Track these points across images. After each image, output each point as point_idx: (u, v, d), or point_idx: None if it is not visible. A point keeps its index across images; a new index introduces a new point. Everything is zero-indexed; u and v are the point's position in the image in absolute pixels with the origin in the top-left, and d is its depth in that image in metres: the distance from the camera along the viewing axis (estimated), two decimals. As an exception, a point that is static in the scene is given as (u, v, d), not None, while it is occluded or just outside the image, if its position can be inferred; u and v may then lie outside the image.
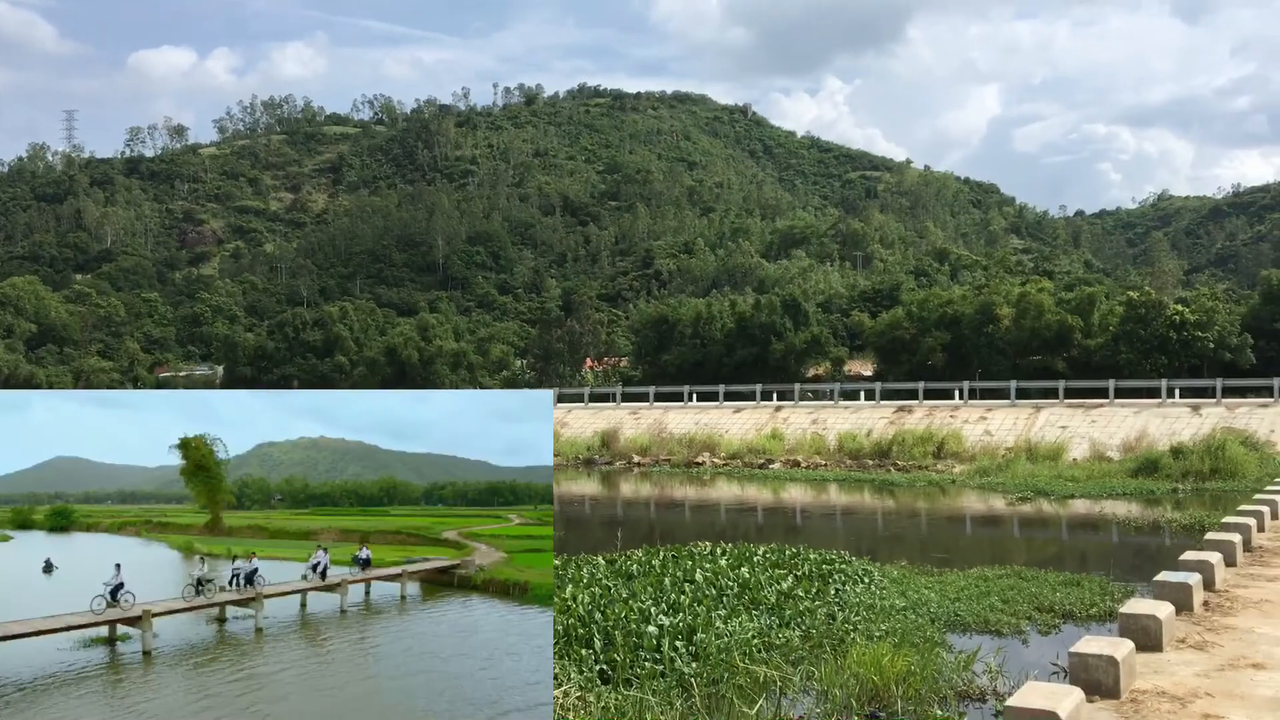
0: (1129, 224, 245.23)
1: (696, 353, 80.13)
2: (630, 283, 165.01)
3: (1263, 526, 12.60)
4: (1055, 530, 28.00)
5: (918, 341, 70.45)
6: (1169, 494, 30.85)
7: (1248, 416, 40.83)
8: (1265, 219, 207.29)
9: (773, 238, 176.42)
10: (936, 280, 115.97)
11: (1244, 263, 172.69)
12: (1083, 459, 38.92)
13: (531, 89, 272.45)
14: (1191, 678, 6.68)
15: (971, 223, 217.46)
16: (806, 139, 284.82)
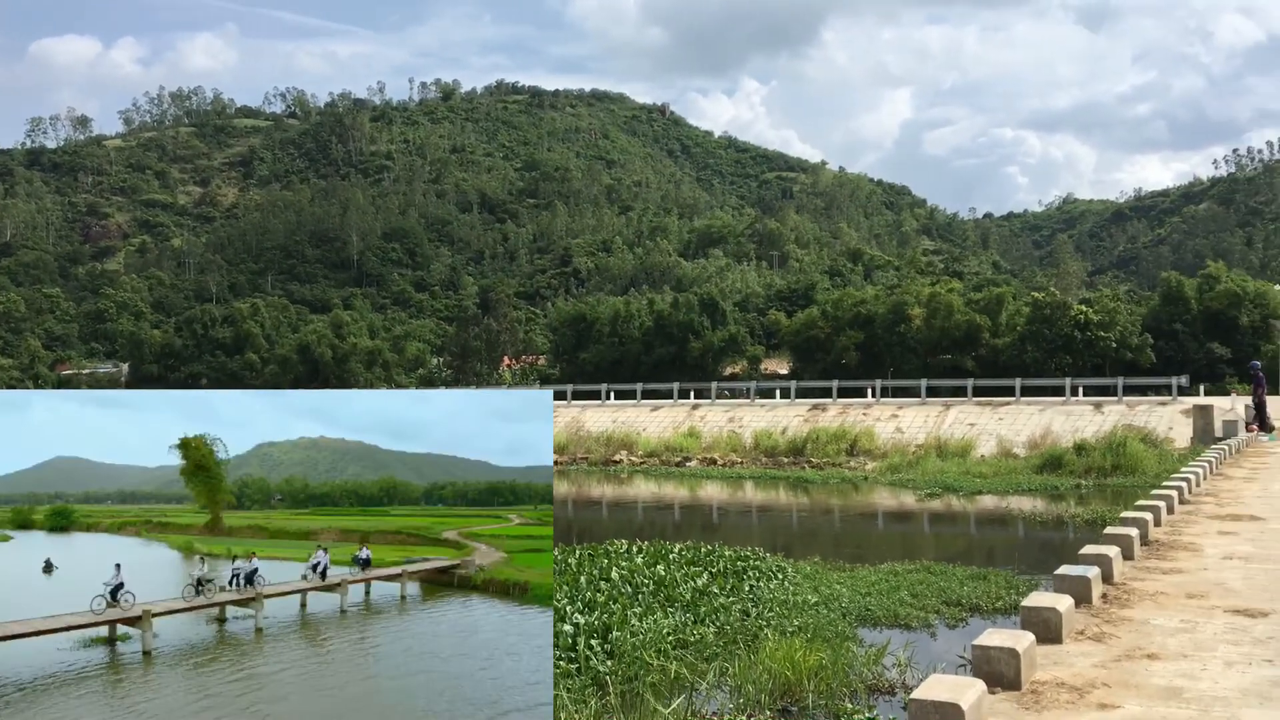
0: (1035, 226, 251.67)
1: (615, 351, 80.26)
2: (548, 281, 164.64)
3: (1159, 521, 13.02)
4: (964, 525, 28.58)
5: (832, 340, 71.49)
6: (1072, 489, 31.69)
7: (1147, 414, 42.14)
8: (1165, 223, 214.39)
9: (690, 237, 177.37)
10: (850, 280, 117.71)
11: (1145, 265, 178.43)
12: (990, 455, 39.80)
13: (449, 84, 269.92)
14: (1089, 668, 6.89)
15: (884, 224, 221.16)
16: (724, 139, 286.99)
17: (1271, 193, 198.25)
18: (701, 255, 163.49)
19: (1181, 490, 15.82)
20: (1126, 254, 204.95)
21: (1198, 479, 17.80)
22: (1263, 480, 19.36)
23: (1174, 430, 39.69)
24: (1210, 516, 14.25)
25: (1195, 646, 7.48)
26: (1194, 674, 6.78)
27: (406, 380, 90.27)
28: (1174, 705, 6.14)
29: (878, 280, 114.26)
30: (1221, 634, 7.85)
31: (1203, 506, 15.32)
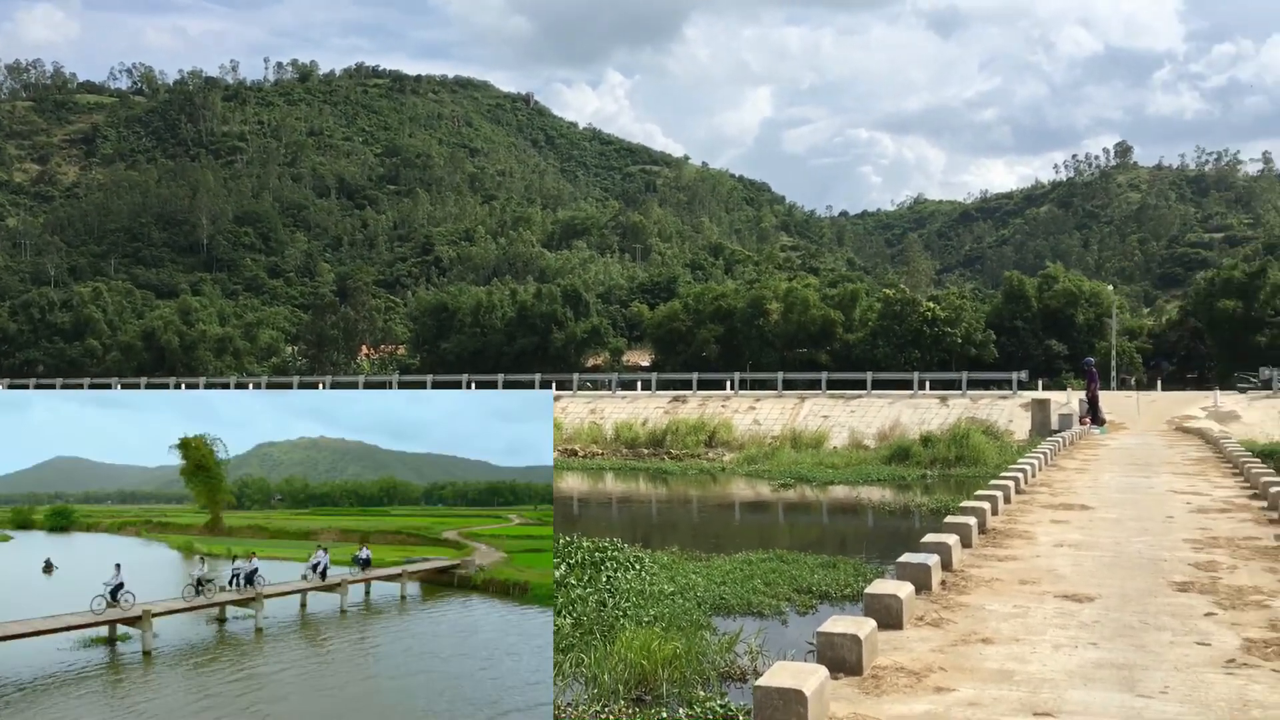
0: (888, 225, 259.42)
1: (476, 341, 79.55)
2: (409, 269, 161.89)
3: (996, 510, 13.60)
4: (816, 515, 29.30)
5: (693, 333, 72.34)
6: (919, 480, 32.79)
7: (989, 408, 43.99)
8: (1009, 224, 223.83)
9: (554, 228, 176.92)
10: (712, 274, 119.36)
11: (989, 264, 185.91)
12: (842, 447, 40.93)
13: (306, 65, 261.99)
14: (928, 653, 7.16)
15: (745, 219, 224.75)
16: (588, 131, 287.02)
17: (1107, 197, 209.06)
18: (565, 246, 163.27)
19: (1018, 481, 16.58)
20: (973, 253, 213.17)
21: (1034, 470, 18.68)
22: (1093, 471, 20.43)
23: (1014, 423, 41.53)
24: (1044, 506, 14.98)
25: (1027, 630, 7.86)
26: (1025, 657, 7.12)
27: (259, 369, 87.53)
28: (1005, 687, 6.45)
29: (738, 275, 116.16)
30: (1051, 618, 8.26)
31: (1038, 496, 16.09)
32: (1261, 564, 10.52)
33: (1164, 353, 69.65)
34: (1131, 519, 13.65)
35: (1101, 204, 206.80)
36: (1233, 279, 64.23)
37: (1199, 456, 24.05)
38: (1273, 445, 34.45)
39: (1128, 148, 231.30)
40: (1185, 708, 6.06)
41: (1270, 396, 42.87)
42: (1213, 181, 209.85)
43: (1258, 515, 13.95)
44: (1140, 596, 9.05)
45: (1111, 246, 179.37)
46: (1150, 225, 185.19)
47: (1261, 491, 15.44)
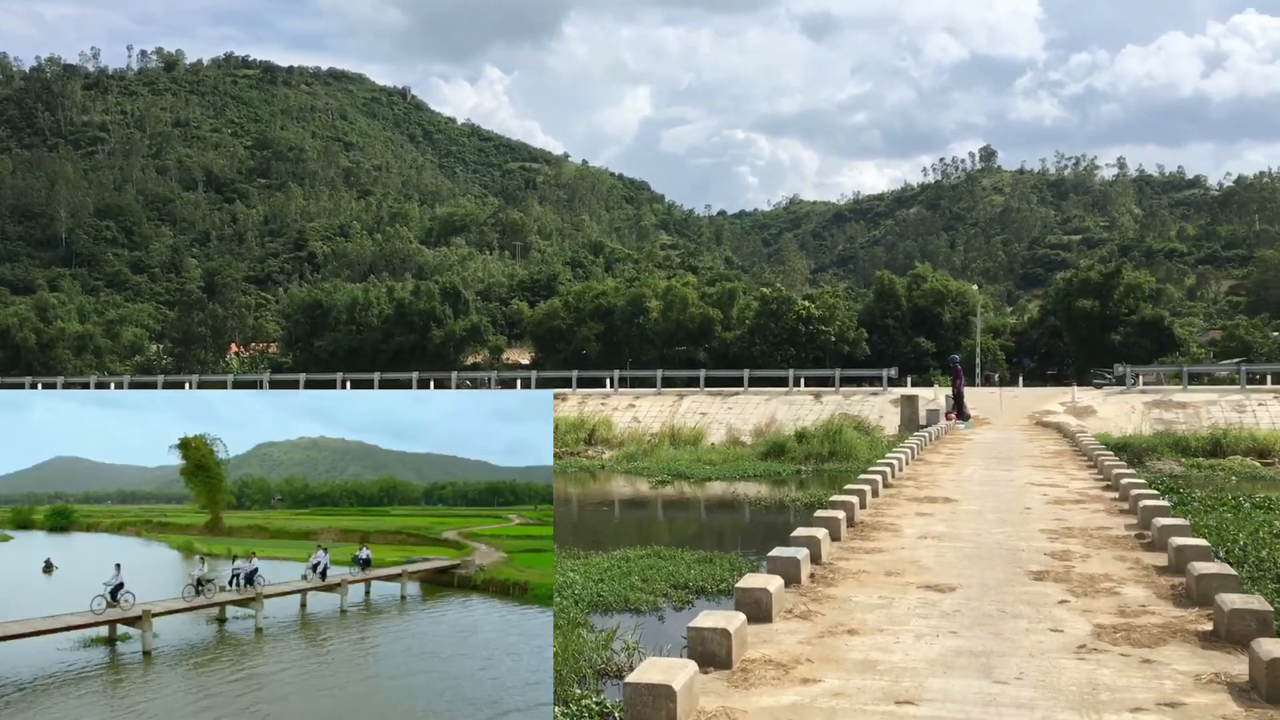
0: (764, 225, 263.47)
1: (352, 339, 78.08)
2: (281, 265, 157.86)
3: (864, 504, 13.96)
4: (695, 511, 29.58)
5: (574, 331, 72.36)
6: (794, 475, 33.40)
7: (861, 404, 45.07)
8: (880, 225, 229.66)
9: (433, 224, 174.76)
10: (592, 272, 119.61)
11: (862, 264, 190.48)
12: (720, 443, 41.41)
13: (172, 54, 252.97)
14: (795, 645, 7.32)
15: (625, 218, 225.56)
16: (467, 126, 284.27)
17: (972, 200, 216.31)
18: (444, 243, 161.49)
19: (886, 475, 17.05)
20: (846, 253, 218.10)
21: (901, 464, 19.23)
22: (957, 465, 21.14)
23: (884, 419, 42.63)
24: (910, 499, 15.43)
25: (891, 621, 8.09)
26: (888, 647, 7.34)
27: (121, 368, 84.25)
28: (869, 677, 6.63)
29: (618, 273, 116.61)
30: (914, 608, 8.53)
31: (904, 490, 16.58)
32: (1112, 553, 11.04)
33: (1026, 350, 72.46)
34: (992, 511, 14.17)
35: (967, 206, 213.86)
36: (1089, 280, 67.17)
37: (1057, 450, 25.09)
38: (1126, 439, 36.12)
39: (992, 152, 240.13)
40: (1038, 693, 6.32)
41: (1124, 392, 44.96)
42: (1071, 185, 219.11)
43: (1110, 506, 14.63)
44: (999, 586, 9.40)
45: (977, 247, 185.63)
46: (1013, 227, 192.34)
47: (1113, 483, 16.20)
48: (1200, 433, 36.83)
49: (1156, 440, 36.10)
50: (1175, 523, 11.25)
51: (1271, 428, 37.25)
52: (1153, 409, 41.06)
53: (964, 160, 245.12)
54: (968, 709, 6.01)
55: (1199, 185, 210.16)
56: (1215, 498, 22.92)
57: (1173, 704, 6.09)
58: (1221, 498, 22.94)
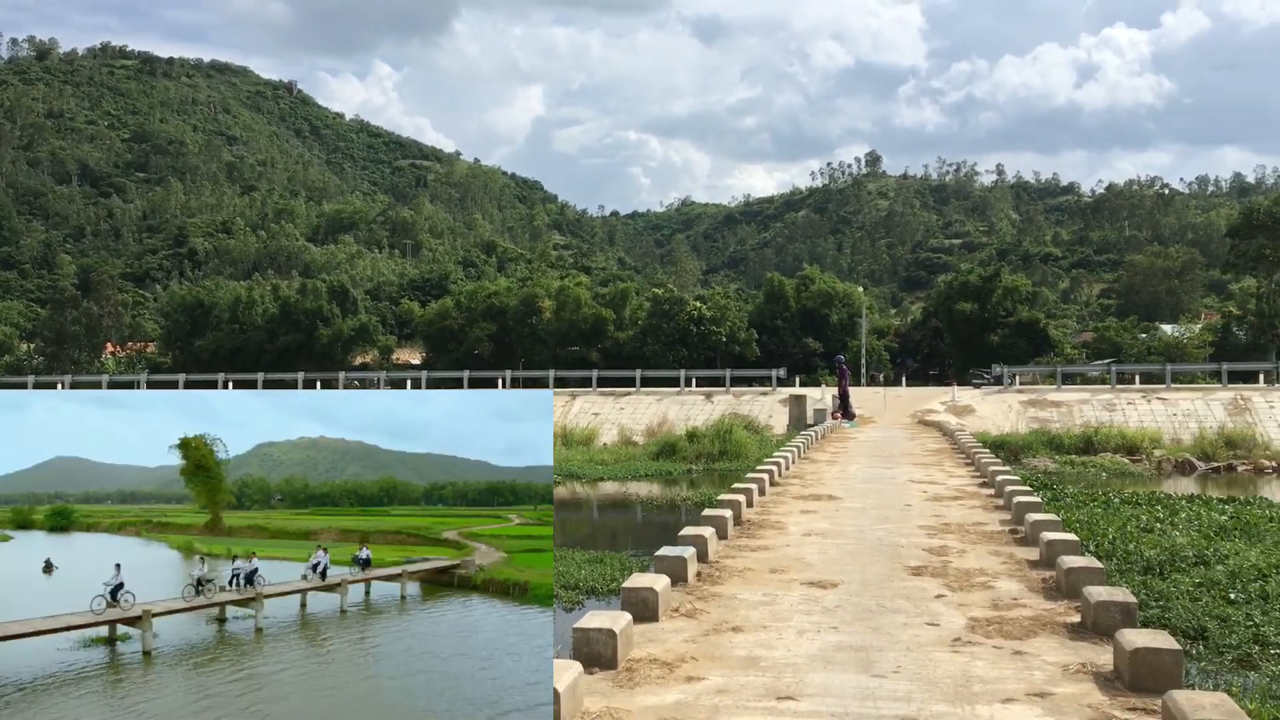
0: (657, 226, 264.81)
1: (235, 339, 76.05)
2: (160, 262, 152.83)
3: (751, 503, 14.15)
4: (587, 511, 29.59)
5: (466, 331, 71.73)
6: (685, 474, 33.68)
7: (751, 403, 45.67)
8: (770, 227, 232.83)
9: (320, 221, 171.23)
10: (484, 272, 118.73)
11: (752, 266, 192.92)
12: (612, 443, 41.53)
13: (45, 43, 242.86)
14: (681, 644, 7.38)
15: (517, 217, 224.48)
16: (355, 122, 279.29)
17: (859, 204, 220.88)
18: (331, 241, 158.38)
19: (772, 473, 17.30)
20: (737, 255, 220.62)
21: (788, 463, 19.54)
22: (842, 463, 21.57)
23: (773, 418, 43.28)
24: (796, 497, 15.69)
25: (774, 618, 8.22)
26: (771, 643, 7.45)
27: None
28: (752, 673, 6.73)
29: (510, 273, 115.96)
30: (797, 605, 8.68)
31: (790, 488, 16.85)
32: (987, 548, 11.40)
33: (909, 351, 74.36)
34: (874, 508, 14.50)
35: (854, 210, 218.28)
36: (969, 283, 69.21)
37: (937, 448, 25.80)
38: (1003, 437, 37.34)
39: (877, 157, 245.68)
40: (915, 685, 6.49)
41: (1002, 392, 46.45)
42: (953, 191, 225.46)
43: (986, 502, 15.11)
44: (879, 581, 9.63)
45: (863, 250, 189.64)
46: (897, 231, 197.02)
47: (989, 480, 16.72)
48: (1073, 431, 38.28)
49: (1032, 438, 37.41)
50: (1046, 518, 11.67)
51: (1139, 426, 38.91)
52: (1029, 408, 42.51)
53: (850, 165, 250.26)
54: (846, 703, 6.14)
55: (1073, 192, 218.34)
56: (1087, 493, 23.85)
57: (1042, 694, 6.32)
58: (1092, 493, 23.88)
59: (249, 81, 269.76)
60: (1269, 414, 39.43)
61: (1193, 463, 35.47)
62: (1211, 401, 40.98)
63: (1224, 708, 5.23)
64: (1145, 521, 18.32)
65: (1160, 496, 23.45)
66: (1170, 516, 19.10)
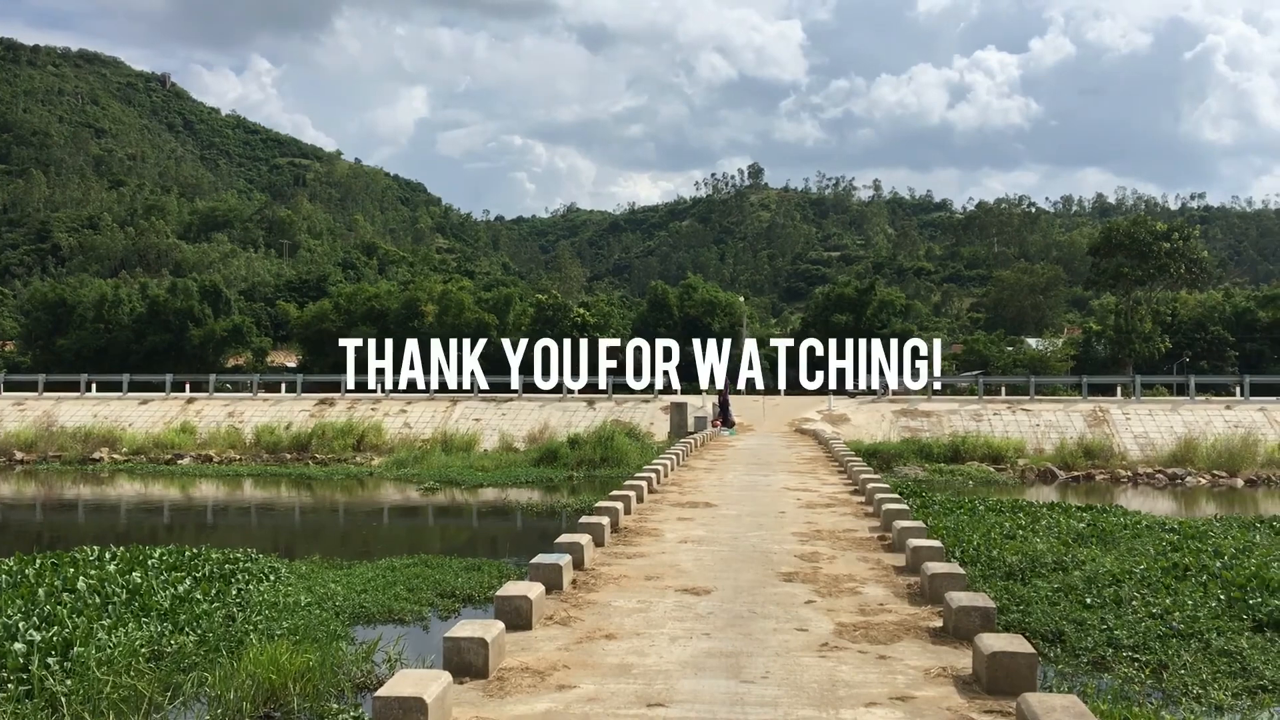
0: (542, 231, 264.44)
1: (100, 338, 73.19)
2: (21, 257, 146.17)
3: (629, 509, 14.22)
4: (467, 518, 29.32)
5: (345, 334, 70.30)
6: (566, 481, 33.64)
7: (633, 410, 45.90)
8: (654, 236, 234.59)
9: (193, 219, 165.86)
10: (364, 274, 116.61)
11: (636, 273, 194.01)
12: (493, 450, 41.21)
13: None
14: (554, 652, 7.37)
15: (400, 219, 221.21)
16: (232, 118, 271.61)
17: (741, 215, 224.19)
18: (204, 239, 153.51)
19: (651, 480, 17.41)
20: (621, 262, 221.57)
21: (666, 470, 19.70)
22: (720, 471, 21.83)
23: (655, 425, 43.58)
24: (674, 504, 15.83)
25: (648, 625, 8.27)
26: (644, 650, 7.50)
27: None
28: (624, 681, 6.76)
29: (392, 275, 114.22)
30: (671, 612, 8.75)
31: (668, 495, 16.98)
32: (856, 554, 11.68)
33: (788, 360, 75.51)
34: (749, 515, 14.72)
35: (736, 221, 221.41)
36: (845, 295, 70.83)
37: (812, 456, 26.32)
38: (876, 445, 38.29)
39: (759, 170, 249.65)
40: (782, 690, 6.61)
41: (876, 401, 47.62)
42: (831, 205, 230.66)
43: (856, 509, 15.47)
44: (751, 587, 9.78)
45: (745, 261, 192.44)
46: (778, 242, 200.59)
47: (860, 487, 17.13)
48: (942, 440, 39.46)
49: (903, 447, 38.45)
50: (913, 525, 12.01)
51: (1005, 436, 40.31)
52: (900, 417, 43.68)
53: (734, 176, 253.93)
54: (715, 709, 6.22)
55: (945, 209, 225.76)
56: (954, 501, 24.60)
57: (904, 698, 6.50)
58: (959, 501, 24.64)
59: (120, 73, 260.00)
60: (1125, 426, 41.29)
61: (1054, 472, 36.91)
62: (1072, 413, 42.72)
63: (1074, 709, 5.45)
64: (1008, 528, 18.98)
65: (1023, 504, 24.32)
66: (1032, 524, 19.83)
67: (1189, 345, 72.86)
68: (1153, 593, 13.39)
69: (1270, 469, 36.35)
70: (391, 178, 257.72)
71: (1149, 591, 13.45)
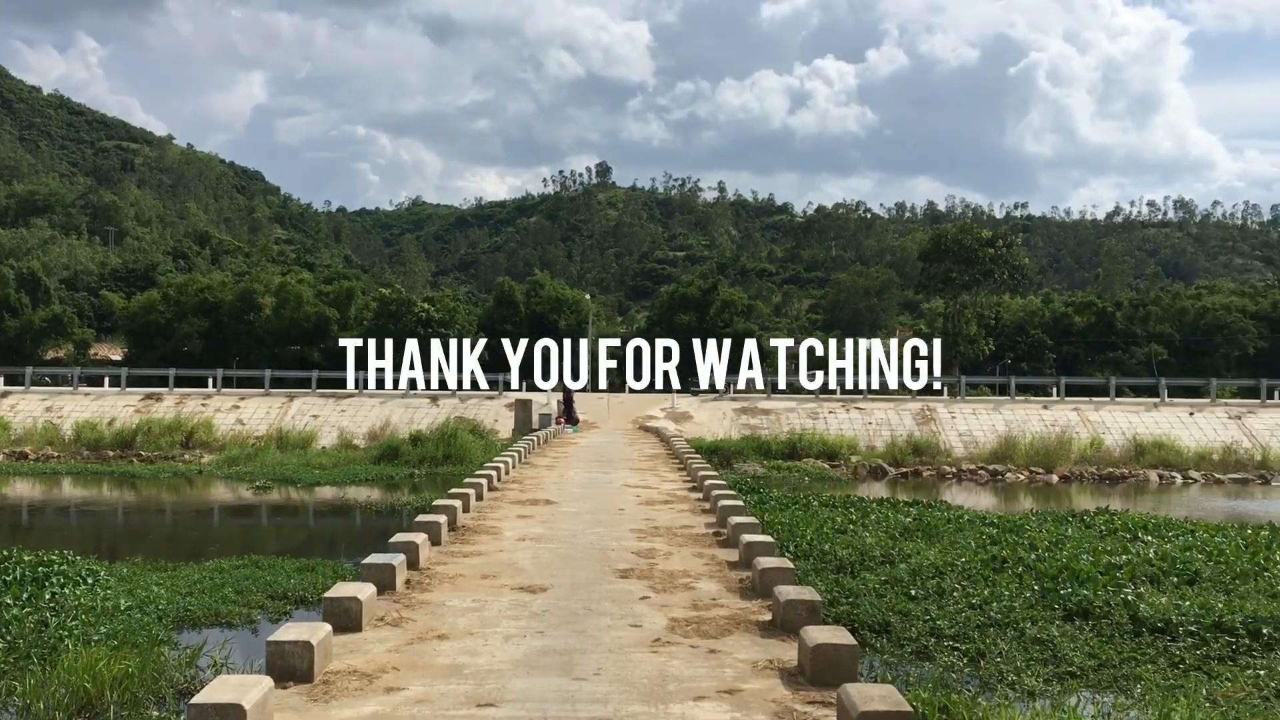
0: (386, 224, 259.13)
1: (-100, 328, 68.36)
2: None
3: (468, 508, 14.11)
4: (303, 517, 28.61)
5: (174, 326, 67.55)
6: (407, 478, 33.14)
7: (477, 407, 45.56)
8: (502, 232, 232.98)
9: (10, 202, 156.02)
10: (197, 264, 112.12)
11: (483, 269, 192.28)
12: (332, 447, 40.33)
13: None
14: (384, 654, 7.26)
15: (235, 208, 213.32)
16: (54, 98, 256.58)
17: (589, 213, 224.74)
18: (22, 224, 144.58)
19: (491, 478, 17.31)
20: (468, 258, 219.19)
21: (508, 468, 19.61)
22: (561, 468, 21.87)
23: (499, 422, 43.35)
24: (514, 502, 15.78)
25: (482, 624, 8.23)
26: (476, 650, 7.45)
27: None
28: (454, 681, 6.70)
29: (226, 266, 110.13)
30: (506, 610, 8.72)
31: (509, 493, 16.92)
32: (692, 550, 11.87)
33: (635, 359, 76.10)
34: (589, 512, 14.79)
35: (584, 219, 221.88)
36: (689, 295, 71.86)
37: (654, 453, 26.62)
38: (718, 442, 38.99)
39: (607, 168, 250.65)
40: (614, 687, 6.67)
41: (718, 399, 48.49)
42: (678, 205, 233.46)
43: (694, 506, 15.72)
44: (587, 585, 9.83)
45: (592, 259, 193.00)
46: (625, 241, 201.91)
47: (698, 484, 17.41)
48: (780, 437, 40.49)
49: (744, 444, 39.28)
50: (747, 521, 12.28)
51: (839, 433, 41.62)
52: (741, 415, 44.61)
53: (582, 174, 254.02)
54: (546, 707, 6.23)
55: (787, 212, 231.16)
56: (790, 497, 25.28)
57: (731, 691, 6.64)
58: (795, 497, 25.33)
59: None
60: (951, 424, 43.17)
61: (884, 468, 38.32)
62: (902, 412, 44.42)
63: (890, 699, 5.67)
64: (840, 523, 19.62)
65: (854, 500, 25.17)
66: (862, 519, 20.55)
67: (1011, 348, 76.75)
68: (973, 584, 14.04)
69: (1082, 465, 38.58)
70: (227, 165, 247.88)
71: (969, 583, 14.10)
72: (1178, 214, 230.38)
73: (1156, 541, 17.65)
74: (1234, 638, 11.59)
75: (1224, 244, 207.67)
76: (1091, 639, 11.75)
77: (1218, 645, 11.42)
